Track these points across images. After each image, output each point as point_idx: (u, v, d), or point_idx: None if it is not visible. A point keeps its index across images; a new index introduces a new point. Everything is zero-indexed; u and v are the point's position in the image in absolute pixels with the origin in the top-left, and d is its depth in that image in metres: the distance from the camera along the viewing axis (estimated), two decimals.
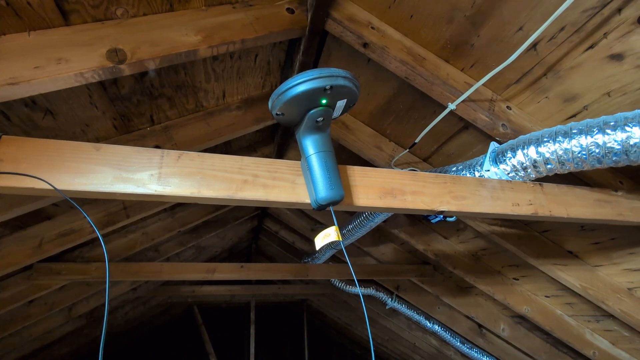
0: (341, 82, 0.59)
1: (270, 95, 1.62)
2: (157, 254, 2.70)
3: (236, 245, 4.48)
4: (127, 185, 0.64)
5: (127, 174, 0.65)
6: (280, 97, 0.60)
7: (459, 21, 1.07)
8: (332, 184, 0.69)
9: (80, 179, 0.62)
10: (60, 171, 0.62)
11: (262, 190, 0.72)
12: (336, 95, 0.62)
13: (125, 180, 0.65)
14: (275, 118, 0.67)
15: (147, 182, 0.66)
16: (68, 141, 0.65)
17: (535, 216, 0.93)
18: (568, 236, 1.65)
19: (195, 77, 1.30)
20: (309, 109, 0.64)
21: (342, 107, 0.68)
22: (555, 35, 0.98)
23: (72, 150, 0.64)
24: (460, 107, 1.16)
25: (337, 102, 0.65)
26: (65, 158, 0.63)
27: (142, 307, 4.21)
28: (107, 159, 0.65)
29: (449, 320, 3.15)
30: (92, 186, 0.63)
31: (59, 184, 0.61)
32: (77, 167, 0.63)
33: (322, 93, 0.60)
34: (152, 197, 0.67)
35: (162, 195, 0.66)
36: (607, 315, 2.00)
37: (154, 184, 0.66)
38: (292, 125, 0.71)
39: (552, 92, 1.11)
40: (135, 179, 0.65)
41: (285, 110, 0.64)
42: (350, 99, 0.65)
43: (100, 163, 0.65)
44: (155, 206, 1.84)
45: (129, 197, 0.66)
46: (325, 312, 6.19)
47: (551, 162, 0.88)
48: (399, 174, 0.85)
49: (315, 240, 0.68)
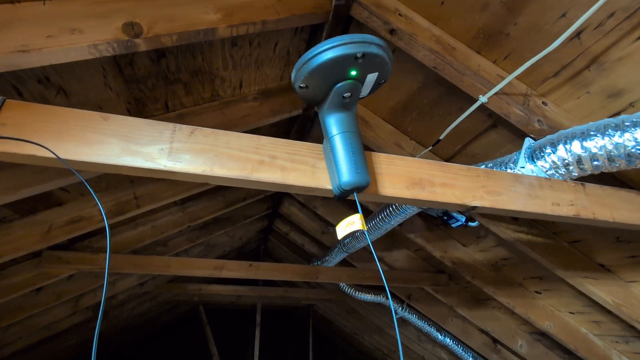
0: (374, 50, 0.53)
1: (289, 85, 1.55)
2: (165, 249, 2.67)
3: (245, 246, 4.44)
4: (135, 158, 0.59)
5: (136, 146, 0.60)
6: (306, 65, 0.54)
7: (495, 8, 1.00)
8: (357, 167, 0.62)
9: (85, 149, 0.58)
10: (65, 140, 0.57)
11: (280, 172, 0.66)
12: (367, 66, 0.56)
13: (134, 153, 0.60)
14: (298, 93, 0.62)
15: (156, 157, 0.61)
16: (74, 109, 0.60)
17: (577, 218, 0.83)
18: (600, 248, 1.53)
19: (212, 63, 1.26)
20: (336, 81, 0.58)
21: (371, 83, 0.61)
22: (603, 23, 0.90)
23: (78, 118, 0.60)
24: (492, 101, 1.08)
25: (367, 76, 0.58)
26: (71, 126, 0.59)
27: (149, 304, 4.20)
28: (115, 130, 0.61)
29: (462, 334, 3.01)
30: (97, 157, 0.58)
31: (62, 153, 0.56)
32: (83, 137, 0.59)
33: (353, 62, 0.54)
34: (161, 174, 0.61)
35: (172, 171, 0.61)
36: (638, 337, 1.85)
37: (164, 159, 0.61)
38: (316, 102, 0.65)
39: (594, 86, 1.02)
40: (144, 153, 0.60)
41: (310, 82, 0.58)
42: (382, 73, 0.59)
43: (108, 134, 0.60)
44: (166, 197, 1.80)
45: (136, 172, 0.61)
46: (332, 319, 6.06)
47: (598, 159, 0.79)
48: (427, 163, 0.77)
49: (337, 228, 0.62)
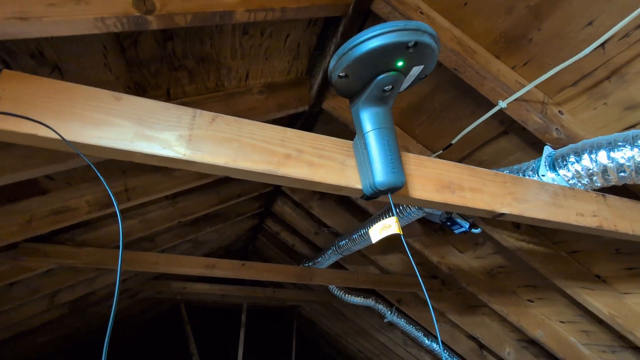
0: (427, 39, 0.49)
1: (296, 80, 1.48)
2: (152, 245, 2.56)
3: (233, 244, 4.33)
4: (151, 144, 0.53)
5: (152, 131, 0.54)
6: (351, 51, 0.50)
7: (520, 11, 0.98)
8: (394, 167, 0.57)
9: (94, 130, 0.51)
10: (71, 119, 0.50)
11: (307, 168, 0.60)
12: (416, 57, 0.51)
13: (149, 138, 0.53)
14: (333, 83, 0.57)
15: (174, 144, 0.54)
16: (82, 85, 0.53)
17: (600, 229, 0.82)
18: (598, 259, 1.55)
19: (221, 50, 1.19)
20: (380, 72, 0.53)
21: (413, 77, 0.57)
22: (629, 34, 0.89)
23: (86, 96, 0.53)
24: (510, 107, 1.06)
25: (412, 68, 0.54)
26: (78, 105, 0.52)
27: (129, 301, 4.03)
28: (128, 112, 0.54)
29: (450, 339, 3.02)
30: (108, 141, 0.51)
31: (67, 133, 0.49)
32: (92, 117, 0.51)
33: (402, 52, 0.49)
34: (179, 163, 0.55)
35: (192, 161, 0.54)
36: (625, 347, 1.89)
37: (183, 147, 0.54)
38: (351, 93, 0.60)
39: (612, 98, 1.02)
40: (160, 139, 0.54)
41: (352, 71, 0.53)
42: (427, 66, 0.55)
43: (120, 115, 0.53)
44: (159, 191, 1.71)
45: (151, 161, 0.54)
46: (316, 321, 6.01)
47: (625, 170, 0.78)
48: (456, 166, 0.74)
49: (370, 232, 0.57)
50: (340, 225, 2.58)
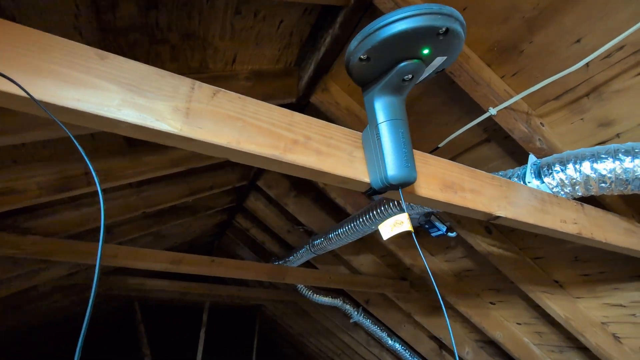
0: (458, 28, 0.47)
1: (285, 70, 1.42)
2: (108, 237, 2.34)
3: (198, 239, 4.12)
4: (142, 114, 0.45)
5: (142, 99, 0.46)
6: (379, 32, 0.46)
7: (515, 22, 1.01)
8: (407, 160, 0.55)
9: (72, 92, 0.42)
10: (44, 76, 0.41)
11: (316, 156, 0.56)
12: (443, 46, 0.49)
13: (139, 107, 0.45)
14: (351, 67, 0.52)
15: (168, 117, 0.47)
16: (60, 38, 0.44)
17: (579, 236, 0.86)
18: (559, 266, 1.66)
19: (209, 28, 1.10)
20: (403, 58, 0.50)
21: (433, 69, 0.55)
22: (611, 54, 0.95)
23: (65, 51, 0.44)
24: (499, 115, 1.09)
25: (436, 58, 0.51)
26: (54, 60, 0.43)
27: (75, 297, 3.67)
28: (115, 75, 0.46)
29: (413, 339, 3.11)
30: (89, 105, 0.42)
31: (39, 92, 0.40)
32: (70, 76, 0.43)
33: (432, 38, 0.47)
34: (173, 139, 0.48)
35: (190, 138, 0.47)
36: (571, 347, 2.05)
37: (179, 121, 0.47)
38: (366, 80, 0.56)
39: (589, 114, 1.09)
40: (153, 109, 0.46)
41: (375, 54, 0.49)
42: (449, 58, 0.53)
43: (105, 77, 0.45)
44: (125, 177, 1.56)
45: (140, 133, 0.47)
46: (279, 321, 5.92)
47: (606, 181, 0.82)
48: (458, 167, 0.73)
49: (380, 229, 0.54)
50: (315, 223, 2.54)
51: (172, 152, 1.63)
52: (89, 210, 1.82)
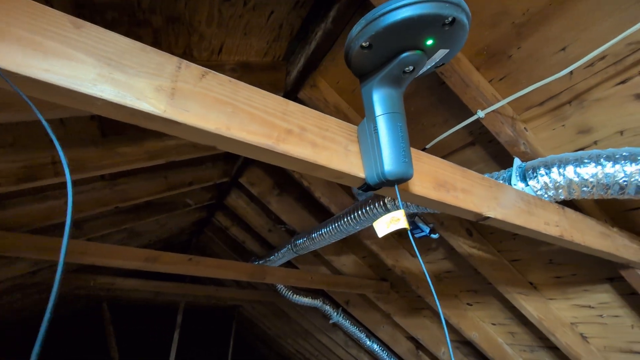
0: (464, 19, 0.45)
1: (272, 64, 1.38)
2: (77, 232, 2.19)
3: (175, 237, 3.96)
4: (120, 91, 0.40)
5: (122, 75, 0.41)
6: (382, 18, 0.44)
7: (505, 27, 1.03)
8: (405, 156, 0.53)
9: (40, 61, 0.37)
10: (8, 41, 0.36)
11: (311, 148, 0.53)
12: (448, 37, 0.47)
13: (118, 84, 0.41)
14: (351, 55, 0.50)
15: (151, 96, 0.42)
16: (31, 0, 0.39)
17: (561, 239, 0.88)
18: (534, 268, 1.72)
19: (196, 13, 1.05)
20: (405, 48, 0.48)
21: (434, 62, 0.53)
22: (593, 63, 0.98)
23: (34, 15, 0.38)
24: (487, 117, 1.11)
25: (438, 50, 0.50)
26: (21, 24, 0.37)
27: (38, 296, 3.43)
28: (91, 46, 0.41)
29: (391, 340, 3.13)
30: (59, 77, 0.37)
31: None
32: (39, 44, 0.38)
33: (437, 28, 0.45)
34: (156, 122, 0.43)
35: (174, 120, 0.43)
36: (542, 347, 2.13)
37: (163, 102, 0.43)
38: (365, 70, 0.54)
39: (570, 121, 1.13)
40: (133, 87, 0.42)
41: (377, 42, 0.47)
42: (452, 51, 0.51)
43: (80, 48, 0.40)
44: (96, 168, 1.46)
45: (117, 113, 0.42)
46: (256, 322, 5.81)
47: (588, 185, 0.85)
48: (450, 166, 0.73)
49: (375, 226, 0.51)
50: (297, 223, 2.51)
51: (148, 143, 1.55)
52: (56, 203, 1.70)
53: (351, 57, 0.51)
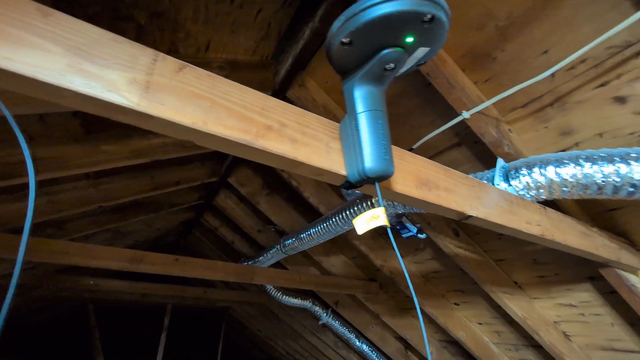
0: (444, 17, 0.45)
1: (261, 63, 1.37)
2: (59, 232, 2.13)
3: (162, 238, 3.90)
4: (90, 82, 0.39)
5: (92, 66, 0.40)
6: (362, 14, 0.44)
7: (489, 30, 1.04)
8: (386, 153, 0.53)
9: (3, 49, 0.36)
10: None
11: (290, 144, 0.52)
12: (427, 36, 0.48)
13: (88, 75, 0.39)
14: (332, 51, 0.50)
15: (123, 89, 0.41)
16: None
17: (542, 238, 0.89)
18: (519, 268, 1.74)
19: (181, 9, 1.03)
20: (385, 45, 0.48)
21: (415, 60, 0.54)
22: (575, 66, 1.01)
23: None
24: (472, 118, 1.12)
25: (419, 48, 0.50)
26: None
27: (18, 299, 3.32)
28: (60, 35, 0.39)
29: (380, 341, 3.14)
30: (23, 66, 0.36)
31: None
32: (3, 31, 0.36)
33: (417, 25, 0.45)
34: (129, 115, 0.42)
35: (148, 114, 0.42)
36: (526, 346, 2.17)
37: (136, 94, 0.42)
38: (347, 67, 0.54)
39: (552, 122, 1.15)
40: (105, 78, 0.40)
41: (356, 38, 0.47)
42: (432, 50, 0.52)
43: (47, 37, 0.38)
44: (77, 166, 1.42)
45: (88, 105, 0.41)
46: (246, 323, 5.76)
47: (567, 186, 0.86)
48: (433, 165, 0.73)
49: (355, 222, 0.51)
50: (287, 223, 2.49)
51: (133, 142, 1.52)
52: (36, 202, 1.65)
53: (332, 53, 0.51)
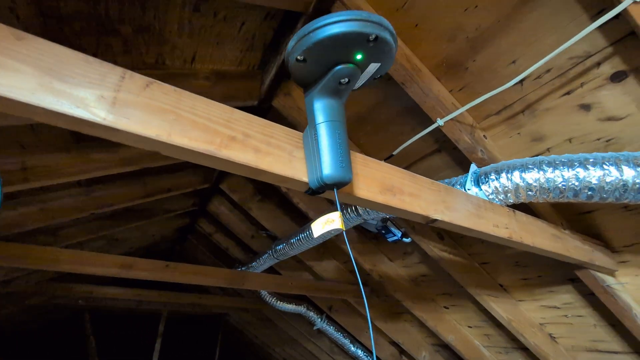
0: (387, 37, 0.50)
1: (248, 72, 1.42)
2: (53, 239, 2.16)
3: (157, 244, 3.91)
4: (60, 100, 0.43)
5: (62, 85, 0.44)
6: (313, 34, 0.48)
7: (460, 42, 1.09)
8: (342, 161, 0.57)
9: None
10: None
11: (253, 154, 0.56)
12: (375, 53, 0.52)
13: (58, 93, 0.43)
14: (290, 67, 0.54)
15: (92, 105, 0.45)
16: None
17: (509, 240, 0.93)
18: (503, 270, 1.77)
19: (166, 24, 1.08)
20: (338, 62, 0.52)
21: (369, 75, 0.58)
22: (541, 75, 1.05)
23: None
24: (446, 126, 1.16)
25: (369, 64, 0.54)
26: None
27: (13, 308, 3.33)
28: (33, 57, 0.43)
29: (375, 345, 3.15)
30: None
31: None
32: None
33: (363, 44, 0.49)
34: (97, 129, 0.46)
35: (114, 128, 0.46)
36: (516, 348, 2.19)
37: (104, 110, 0.46)
38: (306, 81, 0.58)
39: (524, 129, 1.19)
40: (73, 96, 0.44)
41: (310, 56, 0.51)
42: (383, 65, 0.56)
43: (20, 59, 0.43)
44: (68, 174, 1.46)
45: (58, 120, 0.45)
46: (244, 330, 5.74)
47: (532, 190, 0.90)
48: (399, 171, 0.77)
49: (312, 226, 0.55)
50: (278, 229, 2.52)
51: (123, 150, 1.56)
52: (28, 210, 1.68)
53: (291, 69, 0.55)
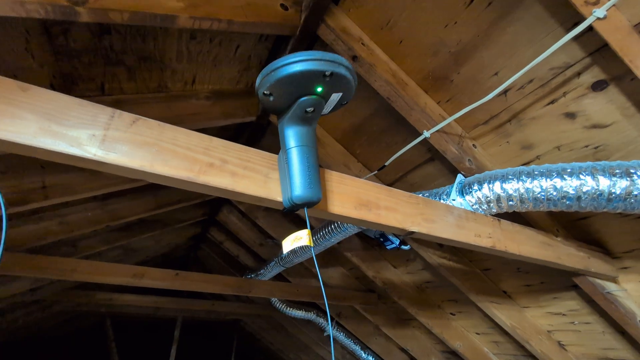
0: (343, 71, 0.55)
1: (246, 90, 1.50)
2: (73, 250, 2.30)
3: (172, 252, 4.06)
4: (57, 141, 0.51)
5: (60, 127, 0.52)
6: (273, 73, 0.54)
7: (444, 56, 1.13)
8: (311, 182, 0.62)
9: None
10: None
11: (230, 178, 0.62)
12: (333, 86, 0.57)
13: (55, 135, 0.51)
14: (260, 100, 0.60)
15: (84, 143, 0.52)
16: None
17: (493, 249, 0.95)
18: (505, 276, 1.76)
19: (165, 52, 1.17)
20: (301, 95, 0.58)
21: (334, 102, 0.63)
22: (524, 86, 1.07)
23: None
24: (433, 137, 1.19)
25: (331, 95, 0.60)
26: None
27: (40, 314, 3.53)
28: (35, 105, 0.51)
29: (384, 352, 3.14)
30: (6, 133, 0.48)
31: None
32: None
33: (320, 79, 0.55)
34: (87, 163, 0.53)
35: (103, 162, 0.53)
36: (527, 355, 2.14)
37: (95, 146, 0.53)
38: (277, 111, 0.64)
39: (513, 138, 1.21)
40: (69, 136, 0.52)
41: (275, 91, 0.57)
42: (345, 94, 0.61)
43: (25, 107, 0.50)
44: (83, 191, 1.57)
45: (56, 158, 0.52)
46: (258, 336, 5.81)
47: (513, 199, 0.92)
48: (375, 186, 0.81)
49: (283, 243, 0.60)
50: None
51: None
52: (49, 224, 1.81)
53: (261, 101, 0.61)
